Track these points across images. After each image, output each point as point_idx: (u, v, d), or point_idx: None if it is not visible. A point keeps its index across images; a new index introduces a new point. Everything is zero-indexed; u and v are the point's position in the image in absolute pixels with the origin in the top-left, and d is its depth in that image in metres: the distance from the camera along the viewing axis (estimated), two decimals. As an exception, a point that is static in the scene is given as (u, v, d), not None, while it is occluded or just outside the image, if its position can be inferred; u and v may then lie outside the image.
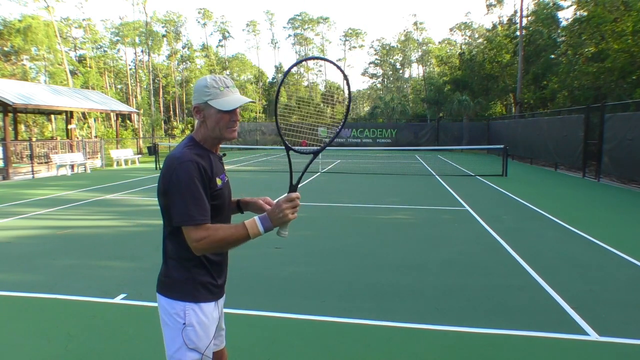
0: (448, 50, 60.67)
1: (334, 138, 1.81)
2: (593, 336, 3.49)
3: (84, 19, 59.16)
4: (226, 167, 1.92)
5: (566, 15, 56.74)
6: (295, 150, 1.85)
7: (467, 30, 64.41)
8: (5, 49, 41.56)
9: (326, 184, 13.15)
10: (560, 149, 17.37)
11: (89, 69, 54.03)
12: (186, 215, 1.59)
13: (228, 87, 1.72)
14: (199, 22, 67.57)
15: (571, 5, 31.11)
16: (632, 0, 20.46)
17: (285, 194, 1.72)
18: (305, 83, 73.63)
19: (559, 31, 32.81)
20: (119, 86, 62.55)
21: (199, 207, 1.60)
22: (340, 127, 1.90)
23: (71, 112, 20.57)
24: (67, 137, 21.00)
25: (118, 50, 62.17)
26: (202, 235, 1.59)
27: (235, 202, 2.02)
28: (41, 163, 17.34)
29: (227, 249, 1.73)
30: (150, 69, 56.98)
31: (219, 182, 1.74)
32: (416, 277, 4.90)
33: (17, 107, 16.49)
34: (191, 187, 1.60)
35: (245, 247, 1.91)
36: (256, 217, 1.67)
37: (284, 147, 1.83)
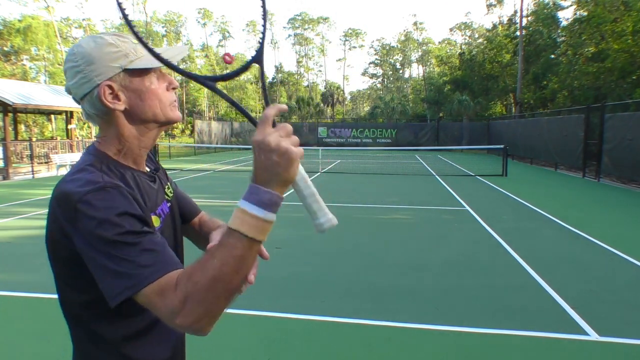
0: (448, 50, 60.69)
1: (265, 21, 0.93)
2: (593, 336, 3.49)
3: (84, 19, 59.20)
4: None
5: (566, 15, 56.84)
6: (227, 76, 0.93)
7: (467, 30, 64.45)
8: (5, 49, 41.58)
9: (326, 184, 13.14)
10: (560, 149, 17.37)
11: (89, 69, 53.98)
12: (129, 276, 0.83)
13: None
14: (199, 22, 67.67)
15: (571, 5, 31.13)
16: (632, 0, 20.46)
17: (259, 123, 0.83)
18: (305, 83, 73.62)
19: (559, 31, 32.83)
20: (119, 86, 62.49)
21: (149, 251, 0.86)
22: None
23: (71, 112, 20.57)
24: (67, 137, 21.00)
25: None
26: (177, 298, 0.80)
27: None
28: (41, 163, 17.34)
29: (234, 290, 0.83)
30: (150, 69, 56.89)
31: (154, 222, 1.02)
32: (416, 277, 4.90)
33: (17, 107, 16.49)
34: (119, 225, 0.86)
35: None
36: (240, 200, 0.82)
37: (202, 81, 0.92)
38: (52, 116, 30.58)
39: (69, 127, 20.91)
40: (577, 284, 4.67)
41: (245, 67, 0.96)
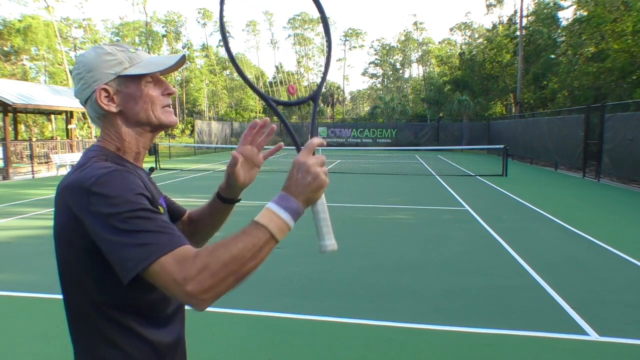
0: (448, 50, 60.67)
1: (327, 69, 1.19)
2: (593, 336, 3.49)
3: (84, 19, 59.29)
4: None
5: (566, 15, 56.82)
6: (287, 104, 1.18)
7: (467, 30, 64.45)
8: (5, 49, 41.56)
9: (326, 184, 13.14)
10: (560, 149, 17.38)
11: (89, 69, 53.97)
12: (148, 246, 0.87)
13: (138, 49, 1.12)
14: (199, 22, 67.78)
15: (571, 5, 31.13)
16: (632, 0, 20.46)
17: (303, 148, 1.02)
18: (306, 83, 73.62)
19: (559, 31, 32.83)
20: (119, 86, 62.54)
21: (164, 227, 0.92)
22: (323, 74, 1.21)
23: (71, 112, 20.57)
24: (67, 137, 21.00)
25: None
26: (195, 266, 0.86)
27: (205, 208, 1.33)
28: (41, 163, 17.34)
29: (244, 276, 0.91)
30: (150, 69, 56.91)
31: (161, 210, 1.06)
32: (416, 277, 4.90)
33: (17, 107, 16.49)
34: (134, 203, 0.91)
35: None
36: (270, 204, 0.97)
37: (267, 104, 1.15)
38: (52, 116, 30.58)
39: (69, 127, 20.90)
40: (577, 284, 4.67)
41: (302, 102, 1.19)
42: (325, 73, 1.18)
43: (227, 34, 1.10)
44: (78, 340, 1.05)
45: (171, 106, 1.15)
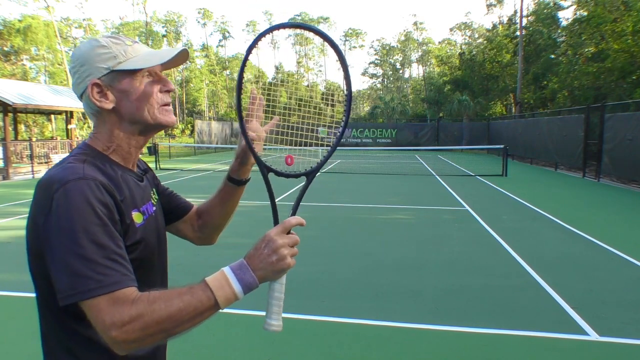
0: (448, 50, 60.68)
1: (335, 148, 1.17)
2: (593, 336, 3.49)
3: (84, 19, 59.32)
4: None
5: (566, 15, 56.82)
6: (277, 173, 1.16)
7: (467, 30, 64.47)
8: (5, 49, 41.57)
9: (326, 184, 13.14)
10: (560, 149, 17.38)
11: (89, 69, 54.00)
12: (88, 279, 0.82)
13: (136, 42, 1.05)
14: (199, 22, 67.75)
15: (571, 5, 31.14)
16: (632, 0, 20.46)
17: (279, 225, 1.01)
18: (305, 83, 73.66)
19: (559, 31, 32.84)
20: (119, 86, 62.60)
21: (113, 261, 0.86)
22: (341, 129, 1.15)
23: (71, 112, 20.57)
24: (67, 137, 21.00)
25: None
26: (129, 314, 0.82)
27: (221, 190, 1.31)
28: (41, 163, 17.34)
29: (174, 336, 0.88)
30: (150, 69, 56.95)
31: (136, 218, 1.00)
32: (416, 277, 4.90)
33: (17, 107, 16.49)
34: (91, 224, 0.86)
35: (244, 247, 0.83)
36: (226, 269, 0.93)
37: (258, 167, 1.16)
38: (52, 116, 30.58)
39: (69, 127, 20.90)
40: (577, 284, 4.67)
41: (296, 175, 1.16)
42: (330, 154, 1.16)
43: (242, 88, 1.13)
44: (43, 348, 1.00)
45: (170, 105, 1.08)
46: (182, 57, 1.06)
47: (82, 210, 0.86)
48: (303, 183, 1.15)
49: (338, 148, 1.16)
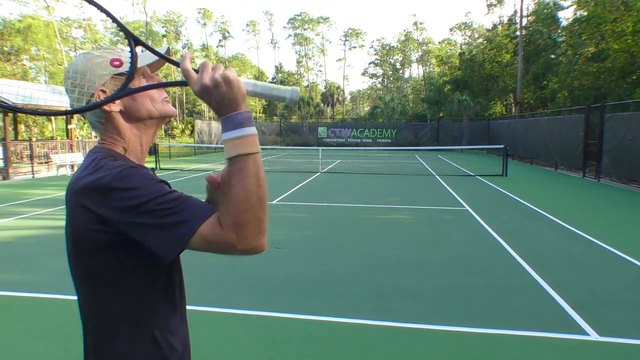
0: (448, 50, 60.67)
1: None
2: (593, 336, 3.49)
3: (84, 19, 59.17)
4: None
5: (566, 15, 56.84)
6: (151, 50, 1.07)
7: (467, 30, 64.41)
8: (5, 49, 41.55)
9: (326, 184, 13.15)
10: (560, 149, 17.38)
11: (89, 69, 53.90)
12: (187, 221, 0.93)
13: (123, 48, 1.11)
14: (199, 22, 67.67)
15: (571, 5, 31.14)
16: (632, 0, 20.46)
17: (195, 73, 0.96)
18: (305, 83, 73.65)
19: (559, 31, 32.84)
20: (119, 86, 62.51)
21: (192, 202, 0.98)
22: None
23: (71, 112, 20.57)
24: (67, 137, 20.99)
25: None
26: (226, 221, 0.93)
27: None
28: (41, 163, 17.34)
29: (263, 193, 0.94)
30: (150, 69, 56.89)
31: None
32: (416, 277, 4.90)
33: (17, 107, 16.48)
34: (162, 189, 0.96)
35: None
36: (222, 135, 0.97)
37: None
38: (52, 116, 30.55)
39: (69, 127, 20.89)
40: (577, 284, 4.67)
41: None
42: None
43: None
44: (100, 341, 1.06)
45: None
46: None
47: (144, 184, 0.94)
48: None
49: (338, 148, 1.15)
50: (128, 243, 0.95)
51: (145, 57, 1.07)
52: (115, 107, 1.05)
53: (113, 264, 1.00)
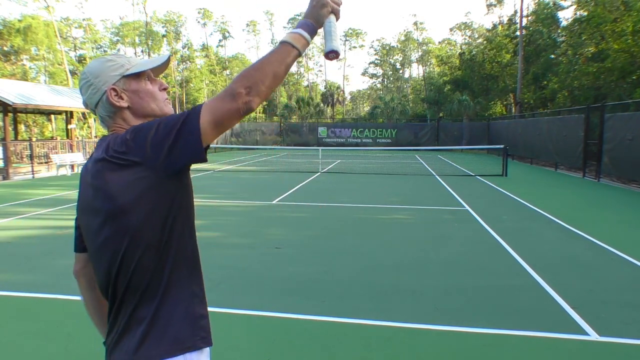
0: (448, 50, 60.63)
1: None
2: (593, 336, 3.49)
3: (84, 19, 59.11)
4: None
5: (566, 15, 56.81)
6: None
7: (467, 30, 64.36)
8: (5, 49, 41.55)
9: (326, 184, 13.15)
10: (560, 149, 17.38)
11: (89, 69, 53.91)
12: (195, 107, 1.14)
13: (131, 56, 1.36)
14: (199, 22, 67.68)
15: (571, 5, 31.12)
16: (632, 0, 20.46)
17: None
18: (305, 83, 73.66)
19: (559, 31, 32.83)
20: (119, 86, 62.50)
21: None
22: None
23: (71, 112, 20.57)
24: (67, 137, 20.99)
25: (118, 50, 62.17)
26: (237, 81, 1.13)
27: None
28: (41, 163, 17.34)
29: (283, 72, 1.18)
30: (150, 69, 56.88)
31: None
32: (416, 277, 4.90)
33: (17, 107, 16.49)
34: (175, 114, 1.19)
35: (244, 247, 0.95)
36: (295, 29, 1.25)
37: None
38: (52, 116, 30.58)
39: (69, 127, 20.89)
40: (577, 284, 4.67)
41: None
42: None
43: None
44: (153, 296, 1.18)
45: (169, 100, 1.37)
46: (168, 63, 1.34)
47: (149, 123, 1.16)
48: None
49: (338, 148, 1.27)
50: (165, 188, 1.14)
51: (150, 61, 1.30)
52: (124, 103, 1.25)
53: (155, 221, 1.15)
